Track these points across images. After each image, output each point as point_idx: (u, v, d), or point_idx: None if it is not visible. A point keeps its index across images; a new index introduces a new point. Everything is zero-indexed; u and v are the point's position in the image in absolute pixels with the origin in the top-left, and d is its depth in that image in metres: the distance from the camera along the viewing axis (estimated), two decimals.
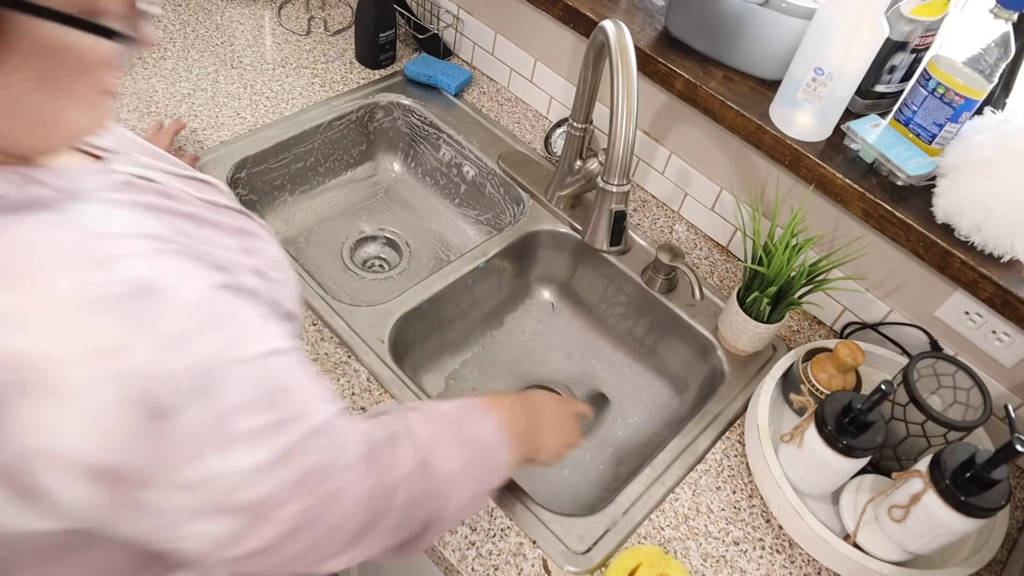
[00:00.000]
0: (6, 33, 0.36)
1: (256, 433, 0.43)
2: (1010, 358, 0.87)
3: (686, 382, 1.05)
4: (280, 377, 0.46)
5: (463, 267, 1.02)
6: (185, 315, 0.41)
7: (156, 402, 0.38)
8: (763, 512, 0.83)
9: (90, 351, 0.37)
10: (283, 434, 0.44)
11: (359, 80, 1.25)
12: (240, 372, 0.42)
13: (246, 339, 0.44)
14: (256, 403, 0.43)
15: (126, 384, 0.37)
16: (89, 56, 0.40)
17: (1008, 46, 0.77)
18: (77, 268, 0.38)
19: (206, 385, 0.40)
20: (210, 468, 0.41)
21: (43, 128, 0.41)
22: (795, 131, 0.90)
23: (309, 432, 0.46)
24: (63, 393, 0.36)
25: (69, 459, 0.37)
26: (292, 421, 0.45)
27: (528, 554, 0.76)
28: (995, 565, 0.81)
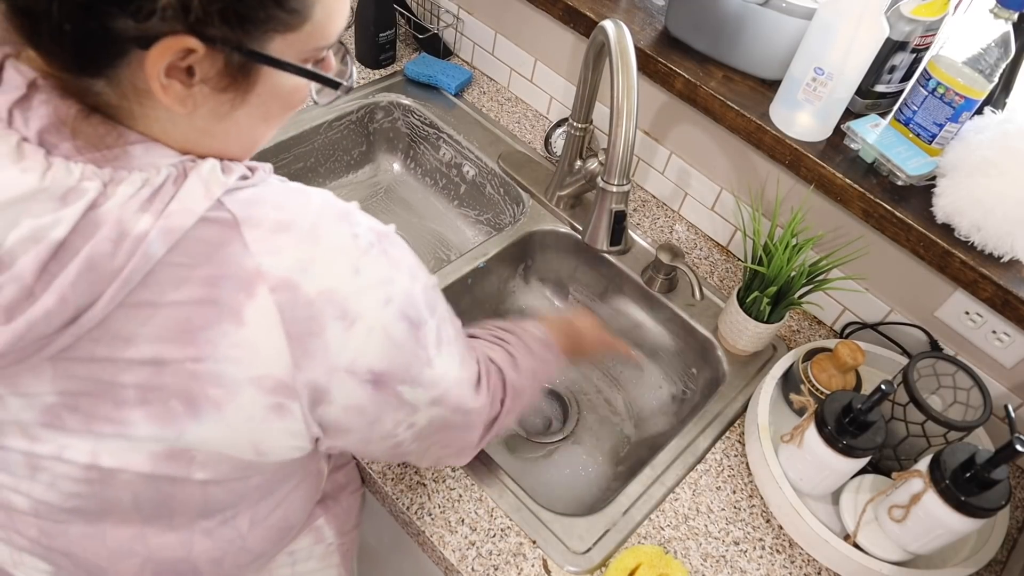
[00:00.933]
0: (253, 82, 0.44)
1: (457, 348, 0.57)
2: (1010, 358, 0.87)
3: (686, 382, 1.05)
4: (455, 319, 0.59)
5: (463, 267, 1.02)
6: (409, 254, 0.53)
7: (414, 316, 0.50)
8: (763, 512, 0.83)
9: (371, 283, 0.47)
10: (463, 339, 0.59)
11: (359, 80, 1.25)
12: (439, 298, 0.55)
13: (435, 282, 0.56)
14: (451, 330, 0.56)
15: (397, 304, 0.49)
16: (301, 96, 0.49)
17: (1008, 46, 0.77)
18: (336, 220, 0.48)
19: (432, 303, 0.53)
20: (442, 367, 0.54)
21: (249, 149, 0.51)
22: (795, 131, 0.90)
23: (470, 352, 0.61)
24: (359, 316, 0.47)
25: (361, 367, 0.48)
26: (456, 328, 0.59)
27: (528, 554, 0.76)
28: (995, 565, 0.81)
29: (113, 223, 0.41)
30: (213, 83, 0.43)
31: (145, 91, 0.42)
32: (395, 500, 0.78)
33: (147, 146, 0.44)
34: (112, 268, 0.41)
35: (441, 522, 0.77)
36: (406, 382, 0.51)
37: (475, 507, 0.78)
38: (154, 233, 0.41)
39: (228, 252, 0.43)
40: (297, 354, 0.45)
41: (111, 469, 0.47)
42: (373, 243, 0.48)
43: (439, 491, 0.79)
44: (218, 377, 0.44)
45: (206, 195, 0.43)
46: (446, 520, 0.77)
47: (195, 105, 0.43)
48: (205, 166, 0.45)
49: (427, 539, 0.76)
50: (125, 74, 0.41)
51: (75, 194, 0.41)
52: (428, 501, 0.78)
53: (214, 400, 0.45)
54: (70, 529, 0.51)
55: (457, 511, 0.78)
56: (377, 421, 0.52)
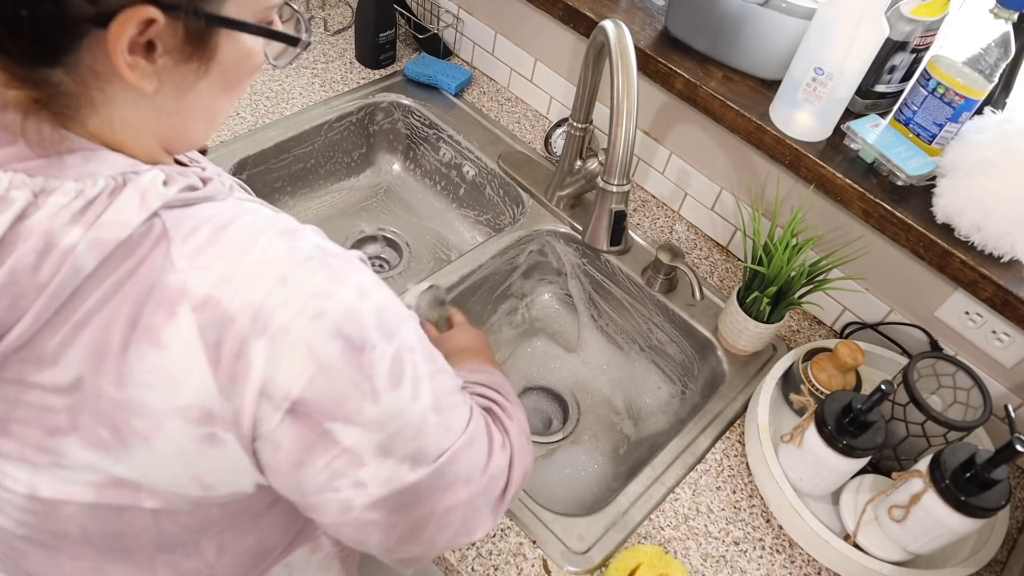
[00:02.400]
0: (212, 48, 0.43)
1: (427, 379, 0.48)
2: (1010, 358, 0.87)
3: (686, 382, 1.05)
4: (435, 356, 0.51)
5: (463, 267, 1.02)
6: (362, 272, 0.47)
7: (355, 336, 0.43)
8: (763, 512, 0.83)
9: (300, 293, 0.42)
10: (449, 384, 0.51)
11: (359, 80, 1.25)
12: (408, 325, 0.48)
13: (406, 311, 0.50)
14: (422, 366, 0.48)
15: (332, 319, 0.43)
16: (257, 62, 0.47)
17: (1008, 46, 0.77)
18: (277, 235, 0.44)
19: (388, 331, 0.45)
20: (395, 405, 0.46)
21: (211, 125, 0.49)
22: (795, 131, 0.90)
23: (461, 400, 0.53)
24: (282, 330, 0.41)
25: (277, 390, 0.42)
26: (448, 374, 0.52)
27: (528, 554, 0.76)
28: (995, 565, 0.81)
29: (40, 235, 0.38)
30: (176, 54, 0.41)
31: (105, 75, 0.40)
32: None
33: (86, 155, 0.42)
34: (37, 282, 0.38)
35: None
36: (337, 418, 0.43)
37: None
38: (83, 245, 0.39)
39: (152, 268, 0.40)
40: (222, 379, 0.41)
41: (52, 500, 0.44)
42: (313, 256, 0.44)
43: None
44: (140, 406, 0.41)
45: (141, 206, 0.41)
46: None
47: (160, 81, 0.42)
48: (145, 177, 0.42)
49: None
50: (84, 58, 0.39)
51: (3, 204, 0.38)
52: None
53: (140, 432, 0.42)
54: (28, 556, 0.49)
55: None
56: (302, 466, 0.44)
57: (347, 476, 0.46)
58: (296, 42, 0.47)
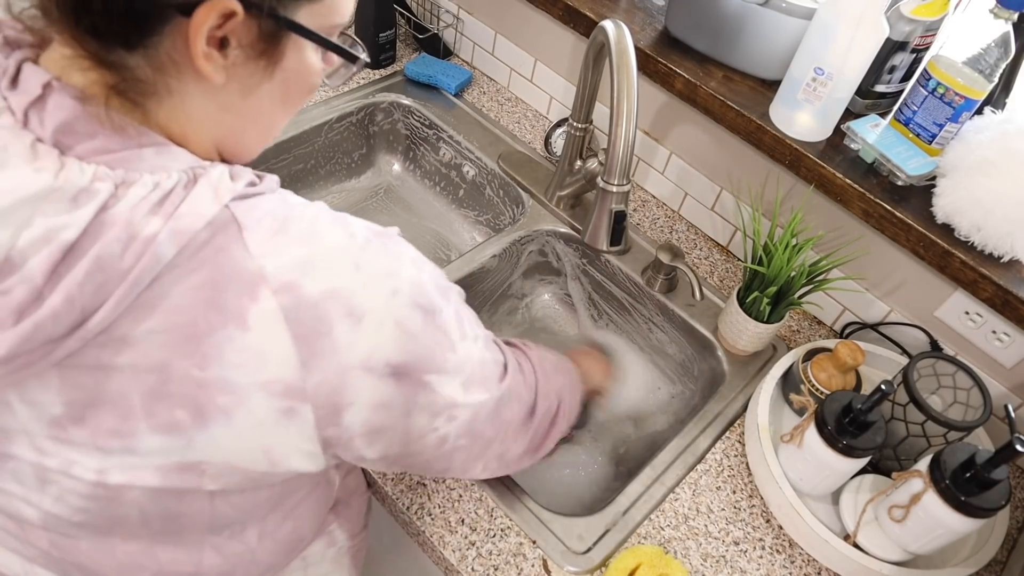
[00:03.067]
0: (281, 52, 0.46)
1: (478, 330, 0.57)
2: (1010, 358, 0.87)
3: (686, 382, 1.05)
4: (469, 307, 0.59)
5: (463, 267, 1.02)
6: (410, 248, 0.53)
7: (426, 304, 0.50)
8: (763, 512, 0.83)
9: (374, 277, 0.47)
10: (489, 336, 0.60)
11: (359, 80, 1.25)
12: (454, 291, 0.56)
13: (442, 273, 0.56)
14: (469, 313, 0.57)
15: (406, 293, 0.48)
16: (316, 79, 0.50)
17: (1008, 46, 0.77)
18: (332, 225, 0.48)
19: (444, 292, 0.53)
20: (467, 351, 0.53)
21: (265, 137, 0.52)
22: (795, 131, 0.90)
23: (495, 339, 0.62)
24: (367, 311, 0.46)
25: (378, 363, 0.47)
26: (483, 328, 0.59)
27: (528, 554, 0.76)
28: (995, 565, 0.81)
29: (123, 224, 0.40)
30: (248, 51, 0.44)
31: (182, 64, 0.43)
32: (395, 500, 0.78)
33: (159, 149, 0.44)
34: (120, 269, 0.40)
35: (441, 522, 0.77)
36: (431, 371, 0.50)
37: (475, 507, 0.78)
38: (164, 235, 0.41)
39: (230, 255, 0.43)
40: (305, 356, 0.44)
41: (118, 486, 0.46)
42: (370, 239, 0.49)
43: (439, 491, 0.79)
44: (225, 384, 0.43)
45: (215, 199, 0.43)
46: (446, 520, 0.77)
47: (228, 77, 0.44)
48: (215, 172, 0.45)
49: (427, 539, 0.76)
50: (164, 44, 0.42)
51: (87, 195, 0.40)
52: (428, 501, 0.78)
53: (222, 407, 0.44)
54: (79, 543, 0.50)
55: (457, 511, 0.78)
56: (409, 414, 0.51)
57: (443, 414, 0.53)
58: (354, 60, 0.50)
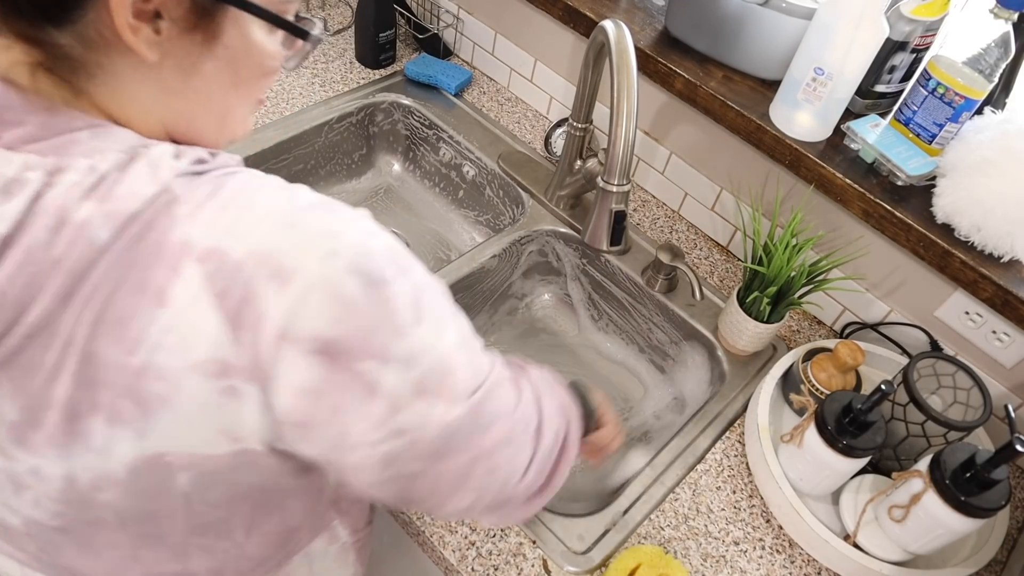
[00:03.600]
0: (217, 25, 0.42)
1: (450, 317, 0.47)
2: (1010, 358, 0.87)
3: (686, 382, 1.05)
4: (450, 300, 0.49)
5: (463, 267, 1.02)
6: (368, 219, 0.46)
7: (372, 270, 0.42)
8: (763, 512, 0.83)
9: (311, 235, 0.42)
10: (468, 328, 0.49)
11: (359, 80, 1.25)
12: (420, 266, 0.47)
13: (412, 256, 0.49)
14: (442, 301, 0.47)
15: (345, 257, 0.41)
16: (271, 61, 0.46)
17: (1008, 46, 0.77)
18: (276, 190, 0.44)
19: (402, 264, 0.44)
20: (423, 340, 0.44)
21: (223, 125, 0.48)
22: (795, 131, 0.90)
23: (480, 343, 0.51)
24: (295, 271, 0.40)
25: (304, 334, 0.40)
26: (465, 321, 0.50)
27: (528, 554, 0.76)
28: (995, 565, 0.81)
29: (53, 211, 0.38)
30: (180, 23, 0.41)
31: (113, 41, 0.40)
32: None
33: (95, 131, 0.41)
34: (52, 258, 0.38)
35: (441, 522, 0.77)
36: (371, 355, 0.42)
37: None
38: (97, 219, 0.38)
39: (158, 230, 0.40)
40: (234, 327, 0.40)
41: (88, 488, 0.44)
42: (316, 204, 0.44)
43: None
44: (156, 369, 0.40)
45: (153, 178, 0.40)
46: (446, 520, 0.77)
47: (163, 52, 0.41)
48: (156, 149, 0.42)
49: (427, 539, 0.76)
50: (92, 20, 0.39)
51: (18, 186, 0.38)
52: None
53: (160, 395, 0.41)
54: (63, 546, 0.49)
55: None
56: (340, 413, 0.43)
57: (387, 424, 0.44)
58: (304, 35, 0.46)
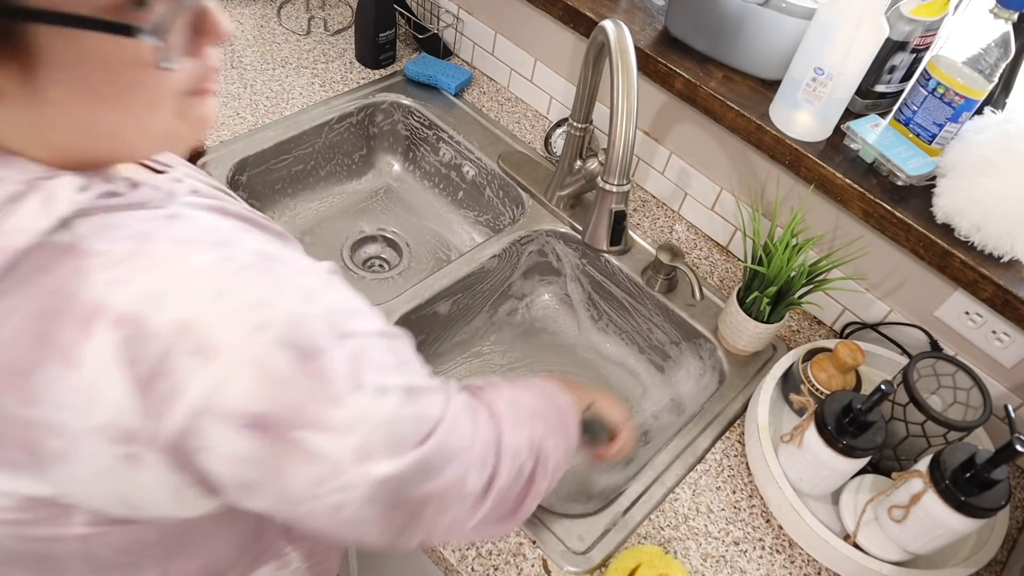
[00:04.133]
0: (28, 47, 0.36)
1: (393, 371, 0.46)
2: (1010, 358, 0.87)
3: (686, 382, 1.04)
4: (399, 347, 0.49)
5: (463, 267, 1.02)
6: (310, 274, 0.44)
7: (302, 344, 0.41)
8: (763, 512, 0.83)
9: (239, 307, 0.40)
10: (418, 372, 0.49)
11: (359, 80, 1.25)
12: (363, 321, 0.46)
13: (363, 307, 0.47)
14: (385, 358, 0.46)
15: (275, 330, 0.40)
16: (126, 59, 0.39)
17: (1008, 46, 0.77)
18: (209, 246, 0.41)
19: (341, 331, 0.43)
20: (361, 407, 0.43)
21: (132, 141, 0.43)
22: (795, 131, 0.90)
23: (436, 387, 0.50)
24: (222, 348, 0.39)
25: (230, 411, 0.39)
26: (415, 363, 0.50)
27: (528, 554, 0.76)
28: (995, 565, 0.81)
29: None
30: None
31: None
32: None
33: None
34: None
35: None
36: (304, 426, 0.41)
37: None
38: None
39: (64, 282, 0.38)
40: (144, 400, 0.39)
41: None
42: (250, 265, 0.41)
43: None
44: (55, 426, 0.39)
45: (44, 212, 0.38)
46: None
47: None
48: (56, 182, 0.39)
49: None
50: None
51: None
52: None
53: (56, 451, 0.39)
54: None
55: None
56: (281, 476, 0.43)
57: (330, 482, 0.44)
58: (128, 32, 0.37)
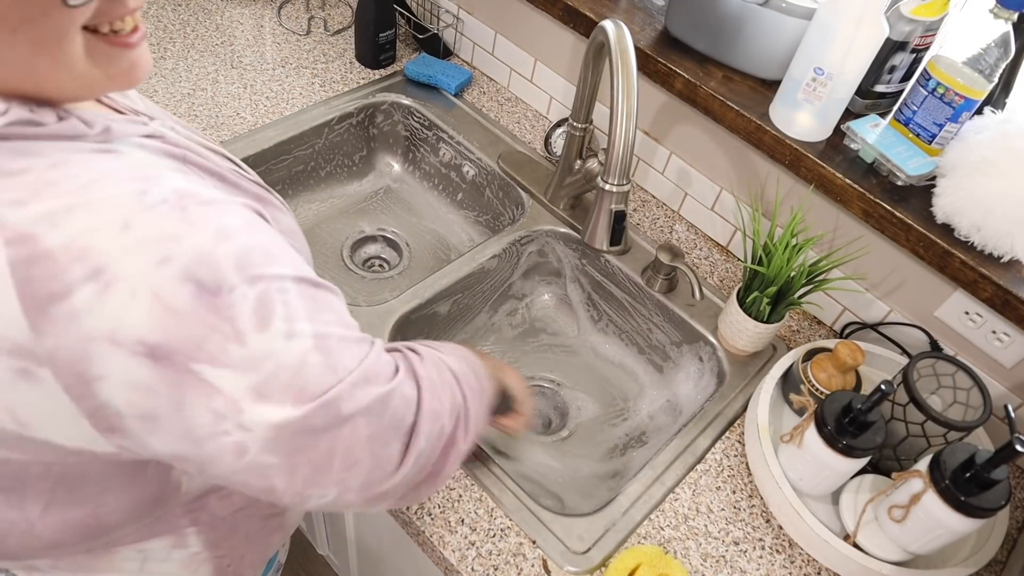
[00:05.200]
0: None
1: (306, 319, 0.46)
2: (1010, 358, 0.87)
3: (685, 383, 1.04)
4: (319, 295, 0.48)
5: (463, 267, 1.02)
6: (231, 215, 0.44)
7: (206, 280, 0.41)
8: (763, 512, 0.83)
9: (144, 239, 0.40)
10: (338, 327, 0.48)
11: (359, 80, 1.25)
12: (284, 265, 0.45)
13: (286, 255, 0.47)
14: (297, 303, 0.46)
15: (179, 264, 0.40)
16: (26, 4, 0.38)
17: (1008, 46, 0.77)
18: (128, 180, 0.41)
19: (252, 273, 0.43)
20: (264, 346, 0.43)
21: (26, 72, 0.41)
22: (795, 131, 0.90)
23: (355, 339, 0.50)
24: (118, 277, 0.39)
25: (131, 338, 0.40)
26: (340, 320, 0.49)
27: (528, 554, 0.76)
28: (995, 565, 0.81)
29: None
30: None
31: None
32: None
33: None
34: None
35: (441, 522, 0.77)
36: (203, 361, 0.42)
37: (475, 507, 0.78)
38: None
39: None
40: (35, 318, 0.39)
41: None
42: (167, 201, 0.41)
43: (439, 491, 0.79)
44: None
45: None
46: (446, 520, 0.77)
47: None
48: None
49: (427, 539, 0.76)
50: None
51: None
52: (428, 501, 0.78)
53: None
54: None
55: (457, 511, 0.78)
56: (182, 409, 0.43)
57: (230, 419, 0.44)
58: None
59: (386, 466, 0.53)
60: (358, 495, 0.53)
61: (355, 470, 0.51)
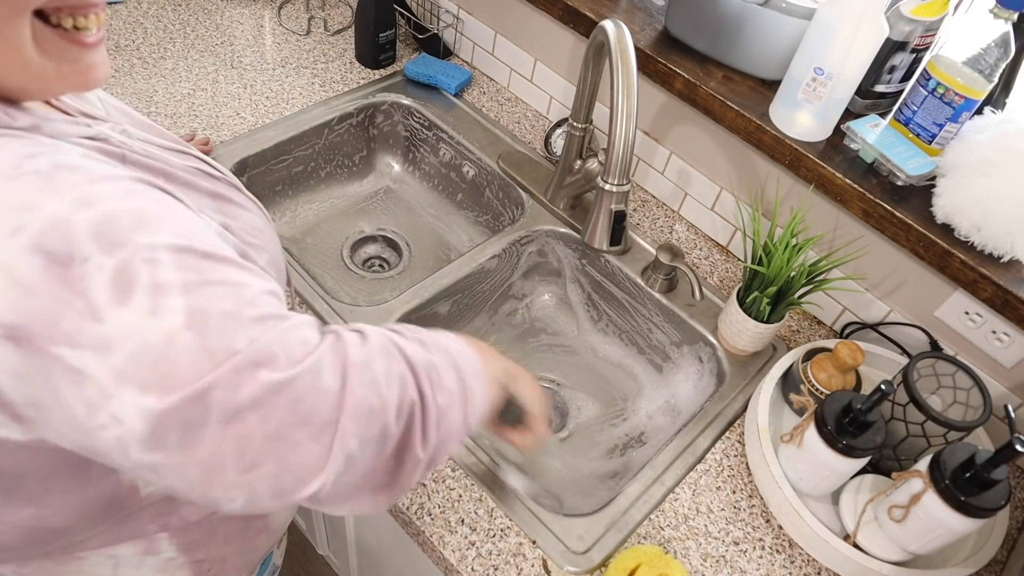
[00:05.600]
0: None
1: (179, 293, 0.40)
2: (1010, 358, 0.87)
3: (685, 383, 1.05)
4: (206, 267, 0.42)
5: (463, 267, 1.02)
6: (105, 183, 0.40)
7: (56, 249, 0.37)
8: (763, 512, 0.83)
9: (3, 209, 0.37)
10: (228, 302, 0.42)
11: (359, 80, 1.25)
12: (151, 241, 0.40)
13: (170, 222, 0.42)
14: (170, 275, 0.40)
15: (30, 234, 0.37)
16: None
17: (1008, 46, 0.77)
18: (11, 156, 0.39)
19: (113, 240, 0.39)
20: (123, 324, 0.38)
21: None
22: (795, 131, 0.90)
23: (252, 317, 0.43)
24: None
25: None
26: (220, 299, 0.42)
27: (528, 554, 0.76)
28: (995, 565, 0.81)
29: None
30: None
31: None
32: None
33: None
34: None
35: (441, 522, 0.77)
36: (59, 341, 0.38)
37: (475, 507, 0.78)
38: None
39: None
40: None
41: None
42: (37, 172, 0.38)
43: (439, 491, 0.79)
44: None
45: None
46: (446, 520, 0.77)
47: None
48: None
49: (427, 539, 0.76)
50: None
51: None
52: (428, 501, 0.78)
53: None
54: None
55: (457, 511, 0.78)
56: (60, 395, 0.39)
57: (103, 408, 0.39)
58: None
59: (299, 471, 0.44)
60: (274, 502, 0.45)
61: (257, 473, 0.43)
